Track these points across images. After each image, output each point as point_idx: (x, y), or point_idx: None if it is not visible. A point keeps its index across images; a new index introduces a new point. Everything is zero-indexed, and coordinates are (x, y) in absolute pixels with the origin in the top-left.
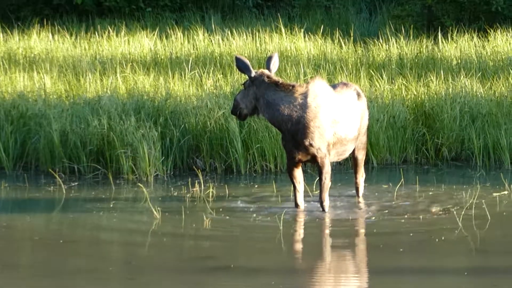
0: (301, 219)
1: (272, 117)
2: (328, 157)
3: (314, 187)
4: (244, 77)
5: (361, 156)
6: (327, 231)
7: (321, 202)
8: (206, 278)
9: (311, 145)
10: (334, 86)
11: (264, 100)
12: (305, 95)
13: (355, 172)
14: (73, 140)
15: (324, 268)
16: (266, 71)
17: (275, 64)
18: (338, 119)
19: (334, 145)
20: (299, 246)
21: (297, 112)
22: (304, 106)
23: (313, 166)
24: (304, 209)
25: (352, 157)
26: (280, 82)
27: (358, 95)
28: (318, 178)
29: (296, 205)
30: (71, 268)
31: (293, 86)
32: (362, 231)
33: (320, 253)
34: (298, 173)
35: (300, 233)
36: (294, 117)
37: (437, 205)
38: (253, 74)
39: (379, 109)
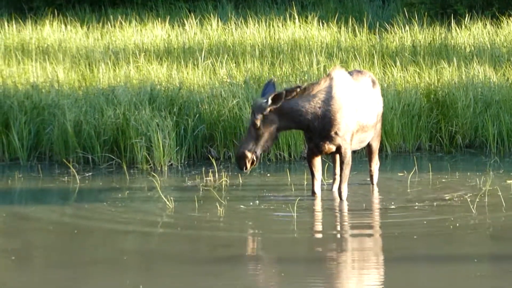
0: (315, 207)
1: (299, 123)
2: (350, 148)
3: (326, 175)
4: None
5: (375, 144)
6: (340, 220)
7: (339, 192)
8: (220, 267)
9: (336, 134)
10: (349, 74)
11: (286, 115)
12: (329, 87)
13: (370, 160)
14: (87, 130)
15: (338, 256)
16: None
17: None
18: (359, 107)
19: (356, 133)
20: (313, 235)
21: (321, 108)
22: (328, 99)
23: (328, 156)
24: (318, 198)
25: (367, 145)
26: (287, 91)
27: (373, 82)
28: (334, 169)
29: (313, 193)
30: (85, 258)
31: (306, 88)
32: (376, 219)
33: (334, 242)
34: (317, 161)
35: (314, 221)
36: (319, 113)
37: (451, 192)
38: (269, 103)
39: (393, 97)
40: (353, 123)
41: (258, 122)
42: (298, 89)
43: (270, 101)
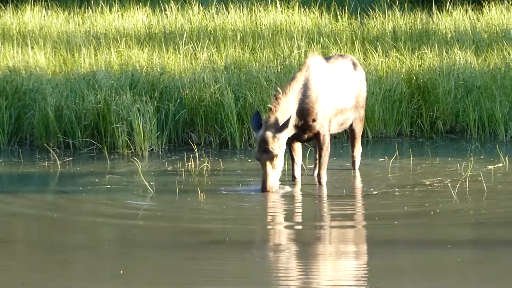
0: (296, 192)
1: (295, 127)
2: (328, 135)
3: (307, 160)
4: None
5: (358, 129)
6: (322, 205)
7: (319, 178)
8: (200, 252)
9: (314, 121)
10: (329, 58)
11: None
12: (306, 79)
13: (352, 146)
14: (68, 115)
15: (319, 241)
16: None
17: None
18: (335, 91)
19: (335, 116)
20: (294, 220)
21: (302, 102)
22: (306, 91)
23: (310, 142)
24: (299, 183)
25: (350, 130)
26: (274, 106)
27: (354, 65)
28: (316, 154)
29: (293, 178)
30: (65, 243)
31: (286, 90)
32: (357, 204)
33: (315, 227)
34: (298, 146)
35: (295, 206)
36: (300, 107)
37: (432, 178)
38: (281, 134)
39: (374, 82)
40: (330, 109)
41: (277, 151)
42: (279, 94)
43: (288, 126)
